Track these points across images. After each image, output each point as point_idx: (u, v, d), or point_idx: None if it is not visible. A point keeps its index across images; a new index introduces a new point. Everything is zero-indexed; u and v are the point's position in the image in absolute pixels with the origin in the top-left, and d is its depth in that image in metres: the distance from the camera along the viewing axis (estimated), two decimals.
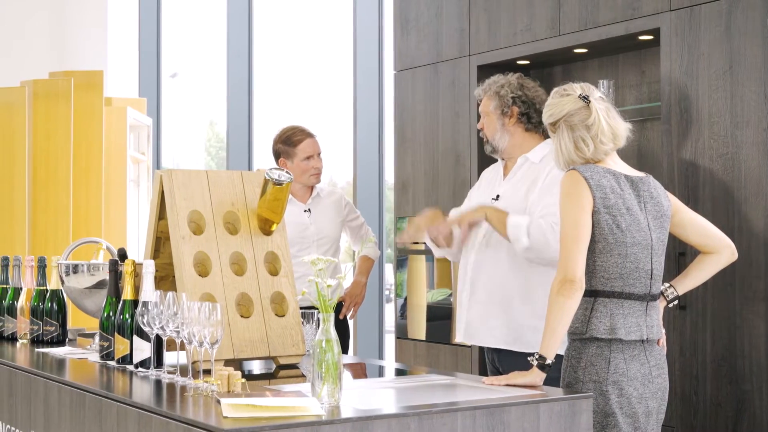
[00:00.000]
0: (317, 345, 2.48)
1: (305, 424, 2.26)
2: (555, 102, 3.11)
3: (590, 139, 3.03)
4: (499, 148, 3.77)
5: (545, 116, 3.14)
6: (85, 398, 2.80)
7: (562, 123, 3.07)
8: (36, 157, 6.93)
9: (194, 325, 2.73)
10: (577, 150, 3.05)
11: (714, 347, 3.76)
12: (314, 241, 4.76)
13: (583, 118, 3.04)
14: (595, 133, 3.03)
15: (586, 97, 3.05)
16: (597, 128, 3.03)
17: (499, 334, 3.63)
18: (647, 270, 3.01)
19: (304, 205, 4.81)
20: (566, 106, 3.06)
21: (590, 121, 3.03)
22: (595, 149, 3.04)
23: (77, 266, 3.68)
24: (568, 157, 3.07)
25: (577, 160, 3.05)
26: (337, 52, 7.44)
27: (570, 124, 3.05)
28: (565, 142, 3.06)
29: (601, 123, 3.03)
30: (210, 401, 2.54)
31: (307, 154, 4.75)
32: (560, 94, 3.11)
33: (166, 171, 3.27)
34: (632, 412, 2.96)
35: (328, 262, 2.53)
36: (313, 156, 4.76)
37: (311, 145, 4.77)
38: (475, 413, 2.47)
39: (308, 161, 4.75)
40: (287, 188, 3.28)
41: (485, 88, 3.81)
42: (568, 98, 3.07)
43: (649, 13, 4.00)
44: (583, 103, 3.04)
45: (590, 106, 3.04)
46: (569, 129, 3.06)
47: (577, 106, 3.05)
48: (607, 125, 3.04)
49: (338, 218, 4.89)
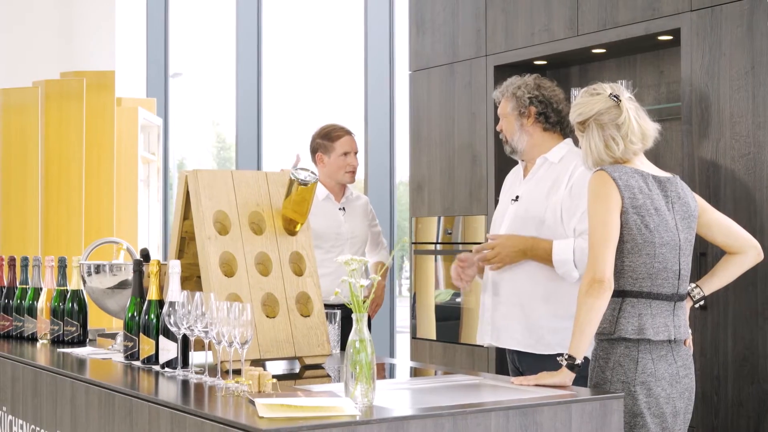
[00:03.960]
0: (351, 345, 2.48)
1: (341, 425, 2.27)
2: (584, 101, 3.10)
3: (620, 138, 3.03)
4: (518, 148, 3.77)
5: (573, 115, 3.14)
6: (115, 398, 2.80)
7: (591, 122, 3.07)
8: (48, 157, 6.94)
9: (223, 325, 2.74)
10: (607, 149, 3.05)
11: (736, 347, 3.76)
12: (348, 239, 4.83)
13: (614, 117, 3.04)
14: (625, 132, 3.03)
15: (617, 96, 3.05)
16: (627, 128, 3.03)
17: (520, 337, 3.64)
18: (675, 270, 3.01)
19: (338, 203, 4.87)
20: (597, 104, 3.06)
21: (620, 120, 3.03)
22: (625, 149, 3.04)
23: (99, 266, 3.67)
24: (597, 156, 3.07)
25: (606, 160, 3.05)
26: (348, 51, 7.44)
27: (600, 123, 3.05)
28: (594, 141, 3.06)
29: (631, 122, 3.03)
30: (241, 401, 2.54)
31: (345, 150, 4.82)
32: (590, 93, 3.10)
33: (191, 171, 3.27)
34: (660, 413, 2.96)
35: (361, 262, 2.52)
36: (350, 153, 4.84)
37: (349, 142, 4.85)
38: (509, 413, 2.48)
39: (345, 157, 4.82)
40: (312, 188, 3.28)
41: (502, 90, 3.82)
42: (598, 97, 3.07)
43: (669, 13, 4.00)
44: (613, 102, 3.04)
45: (621, 106, 3.04)
46: (599, 128, 3.05)
47: (608, 105, 3.05)
48: (637, 125, 3.04)
49: (366, 221, 4.96)
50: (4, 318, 4.15)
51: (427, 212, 5.19)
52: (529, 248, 3.60)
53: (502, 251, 3.64)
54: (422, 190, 5.24)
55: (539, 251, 3.56)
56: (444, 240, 5.10)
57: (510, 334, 3.68)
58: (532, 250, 3.59)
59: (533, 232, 3.61)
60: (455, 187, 5.03)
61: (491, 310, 3.76)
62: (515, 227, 3.68)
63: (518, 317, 3.65)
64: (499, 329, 3.73)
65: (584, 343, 2.87)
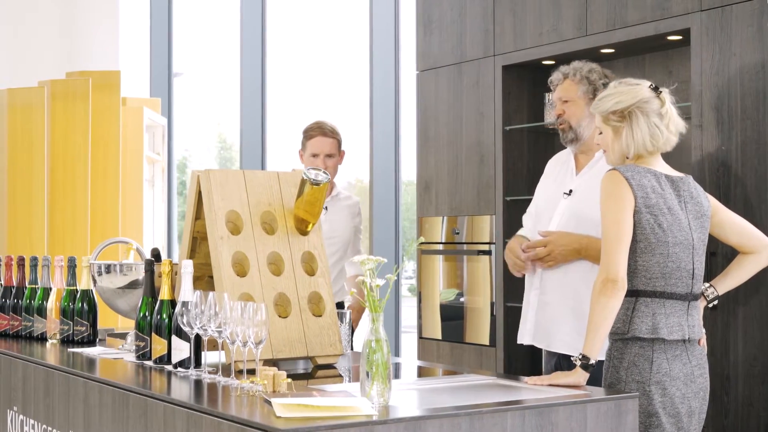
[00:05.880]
0: (366, 345, 2.48)
1: (359, 424, 2.27)
2: (624, 89, 3.06)
3: (664, 127, 3.02)
4: (583, 136, 3.64)
5: (610, 103, 3.06)
6: (129, 398, 2.79)
7: (635, 109, 3.03)
8: (54, 157, 6.94)
9: (237, 325, 2.73)
10: (652, 138, 3.02)
11: (746, 347, 3.76)
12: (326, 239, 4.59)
13: (657, 107, 3.03)
14: (667, 122, 3.02)
15: (657, 87, 3.05)
16: (669, 118, 3.02)
17: (570, 341, 3.50)
18: (689, 270, 3.01)
19: None
20: (639, 93, 3.04)
21: (663, 111, 3.02)
22: (666, 140, 3.03)
23: (110, 266, 3.67)
24: (642, 144, 3.02)
25: (649, 148, 3.02)
26: (353, 51, 7.43)
27: (644, 111, 3.02)
28: (641, 128, 3.02)
29: (673, 114, 3.03)
30: (256, 401, 2.53)
31: (313, 152, 4.59)
32: (627, 83, 3.08)
33: (203, 171, 3.27)
34: (675, 412, 2.96)
35: (377, 261, 2.52)
36: (319, 155, 4.58)
37: (319, 144, 4.59)
38: (525, 413, 2.48)
39: (313, 159, 4.59)
40: (324, 189, 3.28)
41: (567, 73, 3.69)
42: (638, 87, 3.05)
43: (679, 13, 4.00)
44: (653, 93, 3.04)
45: (661, 96, 3.03)
46: (645, 116, 3.02)
47: (650, 95, 3.04)
48: (677, 117, 3.04)
49: (351, 222, 4.75)
50: (13, 318, 4.14)
51: (435, 212, 5.19)
52: (583, 248, 3.48)
53: (555, 249, 3.53)
54: (430, 190, 5.23)
55: (594, 251, 3.39)
56: (452, 240, 5.10)
57: (560, 337, 3.55)
58: (586, 250, 3.47)
59: (590, 232, 3.48)
60: (463, 187, 5.03)
61: (536, 310, 3.65)
62: (570, 225, 3.56)
63: (568, 319, 3.53)
64: (546, 331, 3.61)
65: (598, 343, 2.87)
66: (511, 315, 4.70)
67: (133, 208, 7.26)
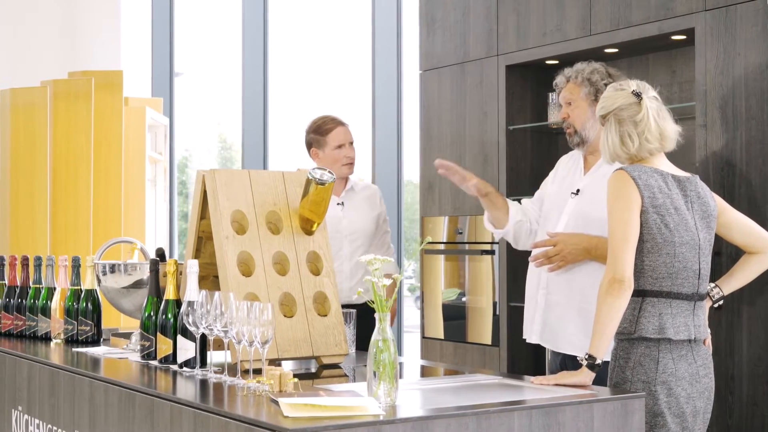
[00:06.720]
0: (374, 344, 2.48)
1: (367, 424, 2.27)
2: (609, 95, 3.14)
3: (636, 135, 3.05)
4: (589, 138, 3.63)
5: (598, 108, 3.16)
6: (135, 398, 2.80)
7: (611, 116, 3.10)
8: (56, 157, 6.94)
9: (243, 324, 2.73)
10: (623, 145, 3.07)
11: (750, 347, 3.76)
12: (346, 235, 4.58)
13: (632, 114, 3.06)
14: (642, 130, 3.05)
15: (639, 93, 3.06)
16: (644, 126, 3.04)
17: (577, 342, 3.50)
18: (695, 270, 3.01)
19: (337, 198, 4.60)
20: (618, 100, 3.09)
21: (638, 118, 3.05)
22: (640, 146, 3.05)
23: (114, 266, 3.67)
24: (612, 150, 3.09)
25: (621, 155, 3.08)
26: (355, 51, 7.43)
27: (619, 118, 3.08)
28: (611, 135, 3.09)
29: (649, 121, 3.04)
30: (263, 401, 2.53)
31: (339, 143, 4.56)
32: (615, 88, 3.13)
33: (208, 171, 3.27)
34: (680, 412, 2.96)
35: (384, 261, 2.52)
36: (345, 145, 4.56)
37: (342, 134, 4.58)
38: (531, 413, 2.48)
39: (340, 150, 4.56)
40: (330, 188, 3.28)
41: (570, 75, 3.69)
42: (621, 93, 3.10)
43: (683, 13, 4.00)
44: (635, 99, 3.06)
45: (641, 103, 3.05)
46: (617, 123, 3.08)
47: (629, 102, 3.07)
48: (655, 124, 3.05)
49: (373, 212, 4.68)
50: (17, 317, 4.15)
51: (438, 212, 5.19)
52: (593, 247, 3.47)
53: (565, 249, 3.51)
54: (433, 190, 5.23)
55: (603, 251, 3.32)
56: (455, 240, 5.10)
57: (567, 338, 3.55)
58: (596, 249, 3.46)
59: (597, 233, 3.46)
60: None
61: (543, 309, 3.64)
62: (577, 226, 3.56)
63: (575, 320, 3.53)
64: (553, 331, 3.60)
65: (605, 343, 2.87)
66: (515, 315, 4.70)
67: (136, 208, 7.26)
